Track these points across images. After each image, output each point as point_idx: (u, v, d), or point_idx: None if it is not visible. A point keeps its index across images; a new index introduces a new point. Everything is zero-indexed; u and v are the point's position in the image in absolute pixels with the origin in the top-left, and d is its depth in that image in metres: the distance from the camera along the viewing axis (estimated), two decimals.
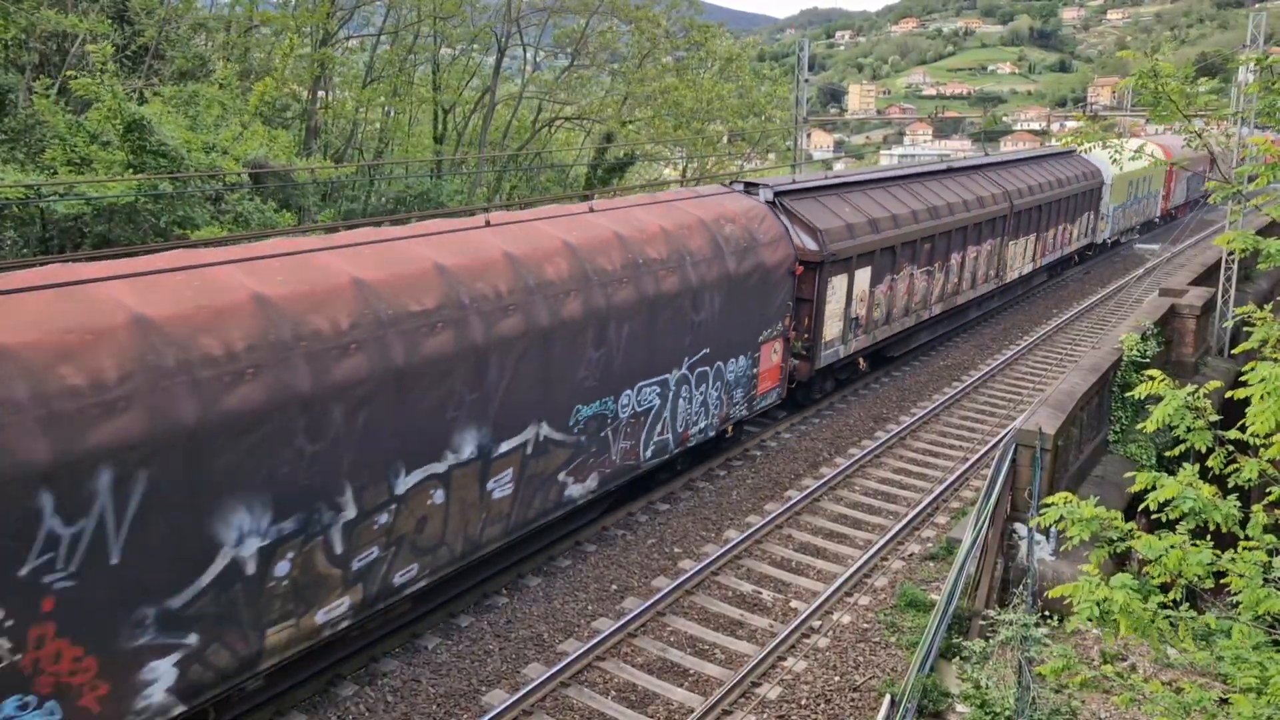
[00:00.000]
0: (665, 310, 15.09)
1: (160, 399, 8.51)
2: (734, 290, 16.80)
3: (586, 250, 13.88)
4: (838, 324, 20.95)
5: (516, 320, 12.27)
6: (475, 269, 12.10)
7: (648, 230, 15.34)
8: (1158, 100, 7.77)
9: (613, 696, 11.58)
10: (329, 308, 10.21)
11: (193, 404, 8.74)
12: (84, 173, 20.18)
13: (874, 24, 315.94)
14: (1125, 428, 17.62)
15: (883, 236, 22.10)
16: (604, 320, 13.77)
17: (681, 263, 15.51)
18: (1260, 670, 6.36)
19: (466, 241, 12.58)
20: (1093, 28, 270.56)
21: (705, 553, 15.10)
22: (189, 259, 10.11)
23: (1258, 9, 26.56)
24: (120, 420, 8.23)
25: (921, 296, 24.84)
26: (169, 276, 9.37)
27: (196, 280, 9.51)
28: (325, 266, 10.71)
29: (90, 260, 10.11)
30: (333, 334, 10.08)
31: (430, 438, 11.26)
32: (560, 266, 13.27)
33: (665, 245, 15.36)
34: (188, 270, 9.53)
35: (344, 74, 35.67)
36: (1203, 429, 7.24)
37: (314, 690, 11.37)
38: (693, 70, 44.78)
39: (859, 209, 21.98)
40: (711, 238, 16.51)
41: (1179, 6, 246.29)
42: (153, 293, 9.08)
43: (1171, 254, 38.59)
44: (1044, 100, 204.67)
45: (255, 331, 9.43)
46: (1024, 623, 10.47)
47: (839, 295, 20.71)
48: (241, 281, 9.83)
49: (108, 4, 25.54)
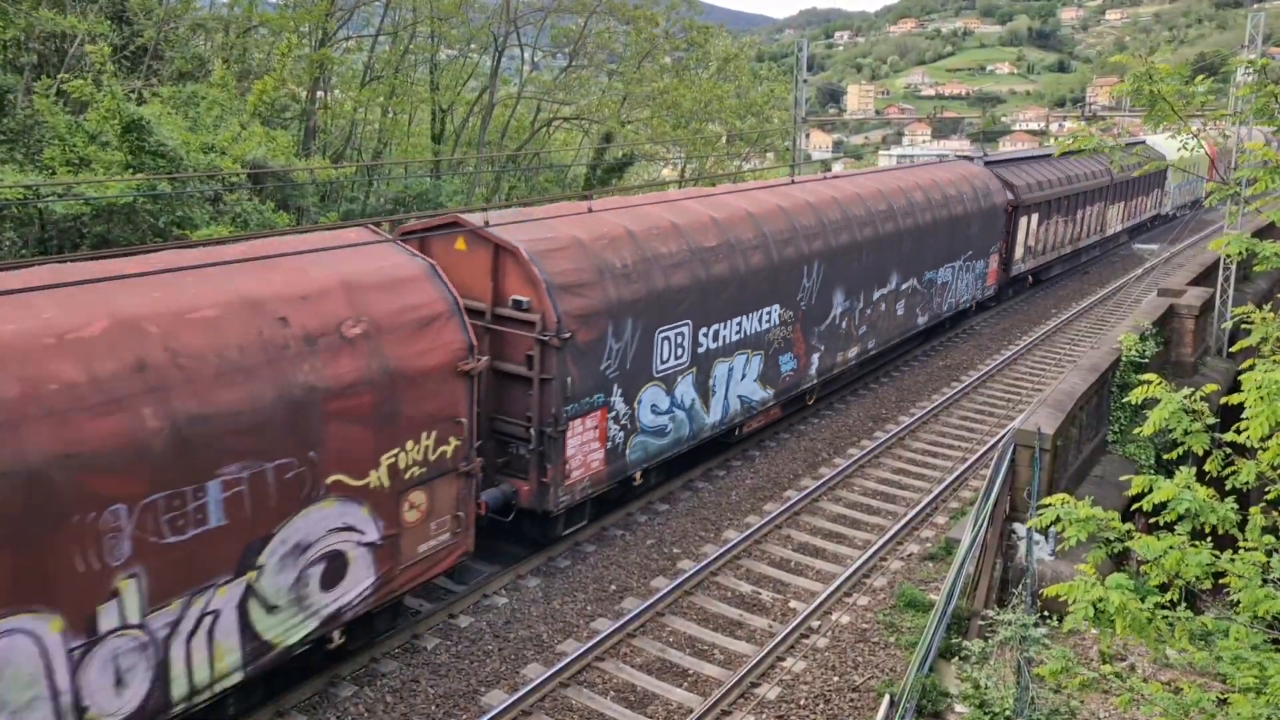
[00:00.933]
0: (955, 226, 26.30)
1: (656, 278, 15.42)
2: (981, 218, 28.16)
3: (932, 192, 25.60)
4: (1020, 249, 31.93)
5: (903, 228, 23.51)
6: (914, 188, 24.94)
7: (942, 181, 26.78)
8: (1154, 102, 7.76)
9: (612, 697, 11.59)
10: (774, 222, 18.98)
11: (685, 275, 15.95)
12: (83, 173, 20.17)
13: (873, 24, 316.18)
14: (1124, 428, 17.63)
15: (1045, 194, 33.00)
16: (934, 229, 24.99)
17: (960, 199, 26.93)
18: (1259, 670, 6.37)
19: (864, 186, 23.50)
20: (1091, 28, 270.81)
21: (704, 553, 15.10)
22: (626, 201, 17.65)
23: (1256, 9, 26.57)
24: (634, 287, 14.97)
25: (1060, 238, 35.71)
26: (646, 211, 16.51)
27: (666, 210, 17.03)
28: (692, 210, 17.46)
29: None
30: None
31: (881, 275, 22.55)
32: (919, 205, 24.72)
33: (950, 190, 26.59)
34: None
35: (342, 74, 35.65)
36: (1200, 432, 7.25)
37: (313, 691, 11.37)
38: (691, 71, 44.76)
39: (1031, 174, 32.77)
40: (971, 187, 28.00)
41: (1178, 6, 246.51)
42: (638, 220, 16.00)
43: (1170, 254, 38.61)
44: (1043, 100, 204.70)
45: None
46: (1023, 623, 10.48)
47: (1022, 230, 31.52)
48: (700, 210, 17.44)
49: (106, 4, 25.51)
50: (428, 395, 11.40)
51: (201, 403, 9.13)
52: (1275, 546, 6.94)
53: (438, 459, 11.71)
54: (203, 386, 9.18)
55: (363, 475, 10.82)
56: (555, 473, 13.89)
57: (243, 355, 9.60)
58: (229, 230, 20.75)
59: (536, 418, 13.72)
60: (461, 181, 34.34)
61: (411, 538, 11.57)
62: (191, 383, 9.12)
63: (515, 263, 13.70)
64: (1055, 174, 34.27)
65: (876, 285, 22.43)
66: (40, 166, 20.54)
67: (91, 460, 8.31)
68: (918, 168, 28.25)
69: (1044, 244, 33.73)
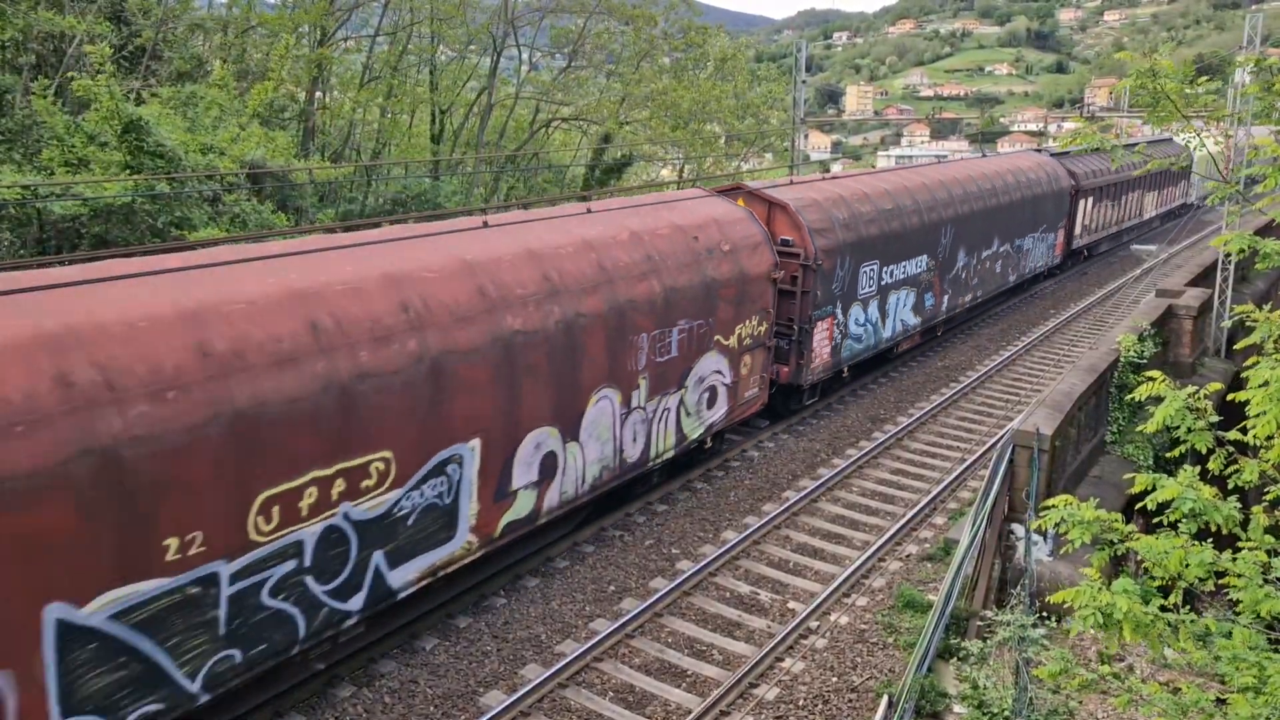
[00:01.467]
0: (1035, 204, 32.12)
1: (861, 229, 21.46)
2: (1052, 199, 33.50)
3: (1019, 175, 31.36)
4: (1079, 226, 37.63)
5: (1001, 203, 29.34)
6: (954, 182, 27.46)
7: (1024, 166, 32.44)
8: (1156, 101, 7.75)
9: (610, 697, 11.57)
10: None
11: (876, 228, 21.86)
12: (81, 173, 20.15)
13: (871, 25, 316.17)
14: (1123, 428, 17.64)
15: (1099, 182, 38.66)
16: (1020, 205, 30.79)
17: (1039, 182, 32.31)
18: (1258, 670, 6.36)
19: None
20: (1090, 29, 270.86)
21: (703, 554, 15.09)
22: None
23: (1254, 10, 26.60)
24: (850, 234, 20.86)
25: (1108, 219, 41.91)
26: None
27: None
28: (876, 182, 24.02)
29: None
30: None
31: (987, 239, 28.35)
32: (1010, 185, 30.47)
33: (1030, 175, 31.94)
34: None
35: (341, 75, 35.64)
36: (1203, 430, 7.23)
37: (312, 691, 11.35)
38: (689, 71, 44.78)
39: (1086, 165, 37.65)
40: (1045, 173, 33.32)
41: (1176, 8, 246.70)
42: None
43: (1169, 255, 38.64)
44: (1041, 101, 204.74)
45: None
46: (1021, 623, 10.48)
47: (1081, 211, 37.00)
48: (879, 184, 23.62)
49: (104, 5, 25.47)
50: (757, 292, 17.69)
51: (674, 280, 15.37)
52: (1276, 547, 6.93)
53: (757, 335, 17.98)
54: (670, 273, 15.35)
55: (728, 337, 17.09)
56: (807, 358, 19.96)
57: (685, 255, 15.86)
58: (225, 231, 20.74)
59: (798, 318, 19.60)
60: (460, 182, 34.34)
61: (742, 386, 17.84)
62: (668, 270, 15.33)
63: (784, 213, 19.57)
64: (1103, 164, 39.58)
65: (984, 246, 28.60)
66: (39, 167, 20.53)
67: (637, 306, 14.46)
68: (1007, 156, 36.29)
69: (1097, 223, 40.49)
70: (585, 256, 13.95)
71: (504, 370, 12.06)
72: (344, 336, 10.07)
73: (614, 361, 14.15)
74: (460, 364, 11.36)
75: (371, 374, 10.22)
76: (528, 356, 12.43)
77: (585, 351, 13.58)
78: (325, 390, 9.72)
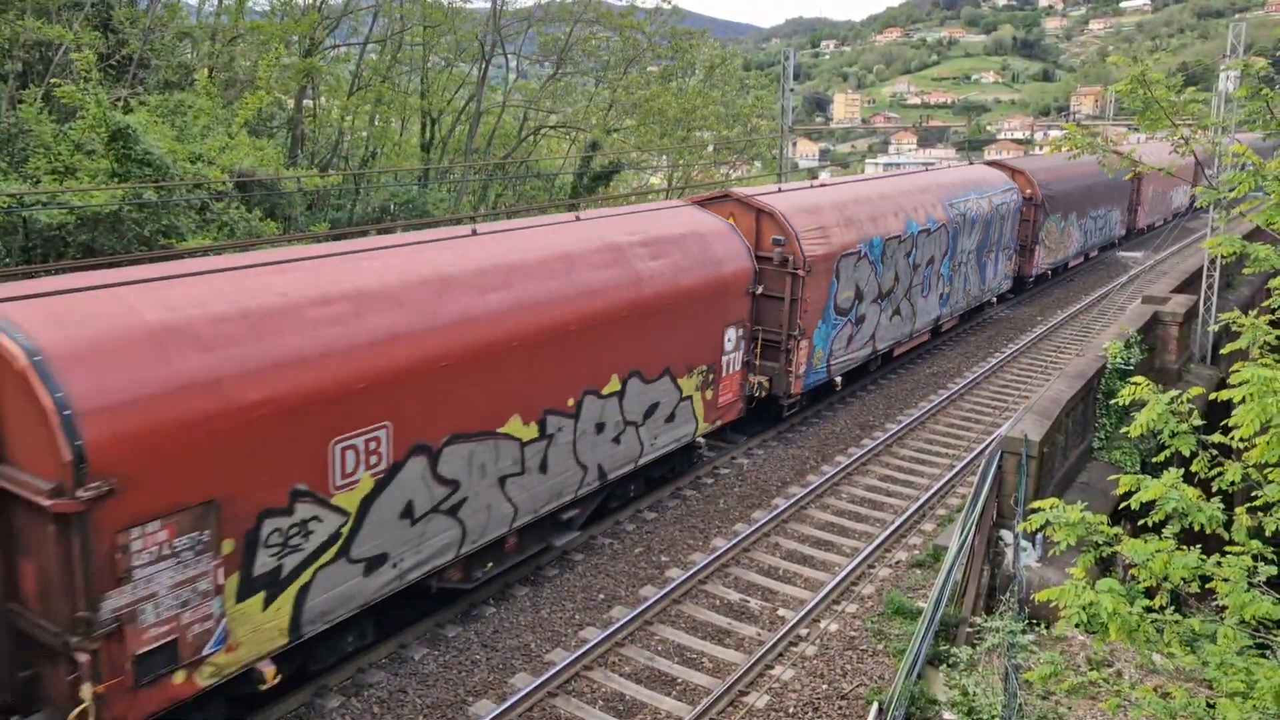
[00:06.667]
0: (1110, 186, 41.20)
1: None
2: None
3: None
4: (1139, 211, 46.45)
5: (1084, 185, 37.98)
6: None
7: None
8: (1146, 106, 7.81)
9: (600, 706, 11.55)
10: None
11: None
12: (68, 181, 20.06)
13: (858, 33, 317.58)
14: (1110, 434, 17.71)
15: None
16: (1100, 188, 40.32)
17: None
18: (1246, 675, 6.38)
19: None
20: (1075, 37, 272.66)
21: (693, 561, 15.09)
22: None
23: (1237, 19, 26.81)
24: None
25: (1154, 208, 49.28)
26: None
27: None
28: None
29: None
30: None
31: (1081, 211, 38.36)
32: (1090, 173, 37.38)
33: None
34: None
35: (329, 82, 35.55)
36: (1186, 433, 7.27)
37: (300, 702, 11.29)
38: (677, 78, 44.85)
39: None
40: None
41: (1160, 16, 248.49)
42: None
43: (1154, 261, 38.90)
44: (1027, 109, 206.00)
45: None
46: (1010, 629, 10.51)
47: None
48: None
49: (92, 13, 25.38)
50: (1015, 216, 23.84)
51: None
52: (1261, 552, 6.97)
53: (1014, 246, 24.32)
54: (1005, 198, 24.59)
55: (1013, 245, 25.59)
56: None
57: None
58: (214, 239, 20.66)
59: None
60: (447, 189, 34.30)
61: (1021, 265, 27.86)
62: (998, 202, 24.44)
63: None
64: (1097, 175, 43.92)
65: (1078, 216, 38.07)
66: (25, 175, 20.42)
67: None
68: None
69: (1150, 209, 48.01)
70: None
71: None
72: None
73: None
74: None
75: None
76: None
77: None
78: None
